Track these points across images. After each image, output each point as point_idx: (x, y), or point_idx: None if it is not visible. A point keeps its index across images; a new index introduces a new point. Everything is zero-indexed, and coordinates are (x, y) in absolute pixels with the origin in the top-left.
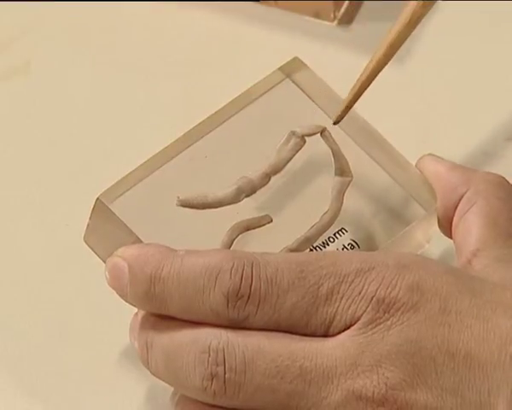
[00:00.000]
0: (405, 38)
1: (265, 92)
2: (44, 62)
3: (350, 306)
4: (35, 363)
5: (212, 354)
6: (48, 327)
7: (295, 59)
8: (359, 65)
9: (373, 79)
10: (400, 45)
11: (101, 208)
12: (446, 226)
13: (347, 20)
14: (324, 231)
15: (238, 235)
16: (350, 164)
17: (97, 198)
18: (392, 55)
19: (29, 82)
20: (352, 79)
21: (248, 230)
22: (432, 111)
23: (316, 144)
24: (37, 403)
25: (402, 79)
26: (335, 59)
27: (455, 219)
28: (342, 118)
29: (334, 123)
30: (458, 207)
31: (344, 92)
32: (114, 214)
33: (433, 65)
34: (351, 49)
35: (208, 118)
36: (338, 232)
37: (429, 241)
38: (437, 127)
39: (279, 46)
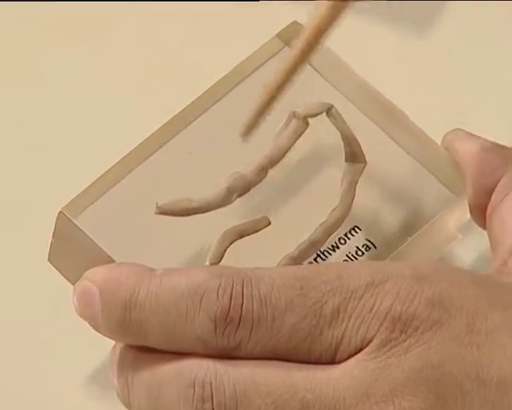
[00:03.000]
0: (322, 37)
1: (260, 66)
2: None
3: (360, 326)
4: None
5: (197, 388)
6: (12, 352)
7: (294, 23)
8: (368, 30)
9: (291, 77)
10: (318, 43)
11: (64, 223)
12: (479, 217)
13: None
14: (333, 232)
15: (230, 244)
16: (363, 147)
17: (60, 212)
18: (311, 52)
19: None
20: (359, 47)
21: (242, 237)
22: (460, 85)
23: (321, 126)
24: None
25: (425, 51)
26: (344, 29)
27: (489, 208)
28: (252, 129)
29: (242, 136)
30: (493, 195)
31: (354, 62)
32: (80, 230)
33: (461, 35)
34: (358, 12)
35: (190, 104)
36: (350, 232)
37: (462, 231)
38: (466, 102)
39: (275, 11)
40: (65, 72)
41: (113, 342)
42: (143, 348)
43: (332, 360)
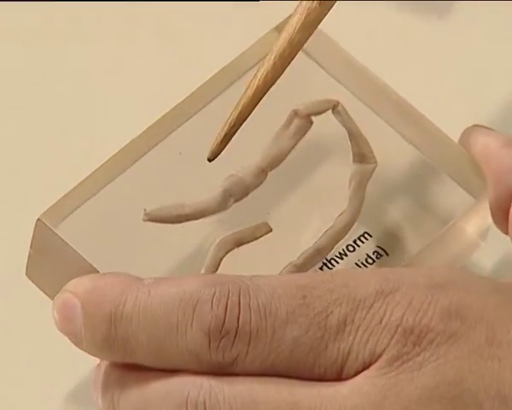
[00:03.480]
0: (300, 44)
1: (257, 62)
2: None
3: (368, 339)
4: None
5: (190, 409)
6: None
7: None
8: (376, 20)
9: (264, 92)
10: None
11: (43, 232)
12: (501, 220)
13: None
14: (341, 238)
15: (227, 253)
16: (373, 146)
17: (38, 220)
18: (287, 61)
19: None
20: (365, 37)
21: (240, 245)
22: (479, 77)
23: (326, 124)
24: None
25: (439, 41)
26: (346, 14)
27: (511, 211)
28: (220, 152)
29: (209, 159)
30: None
31: (360, 55)
32: (61, 240)
33: (479, 21)
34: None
35: (182, 102)
36: (359, 238)
37: (484, 238)
38: (486, 95)
39: (275, 10)
40: (43, 72)
41: (96, 360)
42: (130, 365)
43: (338, 377)
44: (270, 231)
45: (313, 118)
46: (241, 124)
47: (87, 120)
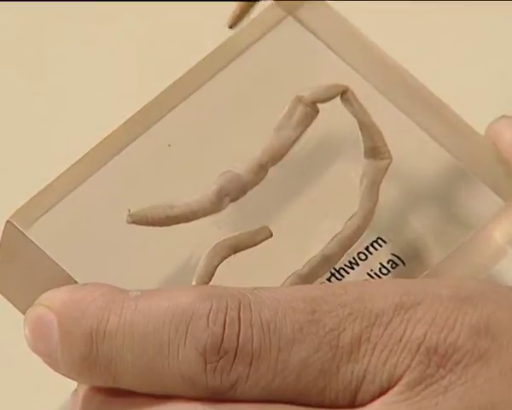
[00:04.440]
0: None
1: (257, 40)
2: None
3: (386, 360)
4: None
5: None
6: None
7: None
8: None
9: None
10: None
11: (13, 235)
12: None
13: None
14: (351, 245)
15: (222, 260)
16: (387, 139)
17: (7, 221)
18: None
19: None
20: (380, 19)
21: (237, 251)
22: (506, 62)
23: (334, 114)
24: None
25: (463, 22)
26: None
27: None
28: (242, 18)
29: (230, 26)
30: None
31: (373, 36)
32: (33, 243)
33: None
34: None
35: (171, 86)
36: (372, 245)
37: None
38: None
39: None
40: (11, 65)
41: (74, 384)
42: (114, 390)
43: (351, 403)
44: (271, 235)
45: (319, 106)
46: None
47: (61, 110)
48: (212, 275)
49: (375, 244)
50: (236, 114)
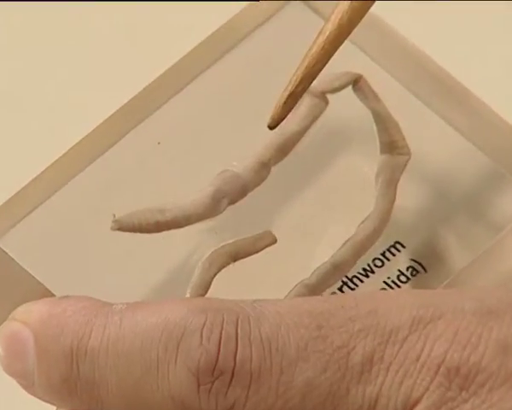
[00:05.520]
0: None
1: (258, 25)
2: None
3: (402, 381)
4: None
5: None
6: None
7: None
8: None
9: (342, 37)
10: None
11: None
12: None
13: None
14: (365, 251)
15: (219, 270)
16: (405, 133)
17: None
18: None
19: None
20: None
21: (237, 259)
22: None
23: (346, 104)
24: None
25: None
26: None
27: None
28: (283, 117)
29: (270, 127)
30: None
31: (391, 16)
32: (5, 253)
33: None
34: None
35: (160, 78)
36: (389, 250)
37: None
38: None
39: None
40: None
41: (52, 408)
42: None
43: None
44: (275, 241)
45: (329, 96)
46: (312, 80)
47: (39, 105)
48: (208, 286)
49: (392, 249)
50: (235, 107)
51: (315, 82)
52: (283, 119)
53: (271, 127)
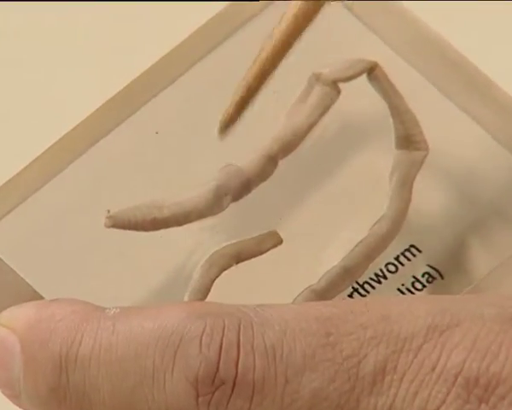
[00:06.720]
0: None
1: (263, 8)
2: None
3: (417, 393)
4: None
5: None
6: None
7: None
8: None
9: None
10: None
11: None
12: None
13: None
14: (378, 255)
15: (221, 272)
16: (424, 126)
17: None
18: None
19: None
20: None
21: (240, 261)
22: None
23: (359, 95)
24: None
25: None
26: None
27: None
28: (232, 123)
29: (220, 134)
30: None
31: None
32: None
33: None
34: None
35: (158, 63)
36: (403, 254)
37: None
38: None
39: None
40: None
41: None
42: None
43: None
44: (281, 242)
45: (341, 85)
46: (261, 84)
47: (29, 91)
48: (209, 290)
49: (407, 254)
50: None
51: (326, 70)
52: (232, 124)
53: (221, 134)
